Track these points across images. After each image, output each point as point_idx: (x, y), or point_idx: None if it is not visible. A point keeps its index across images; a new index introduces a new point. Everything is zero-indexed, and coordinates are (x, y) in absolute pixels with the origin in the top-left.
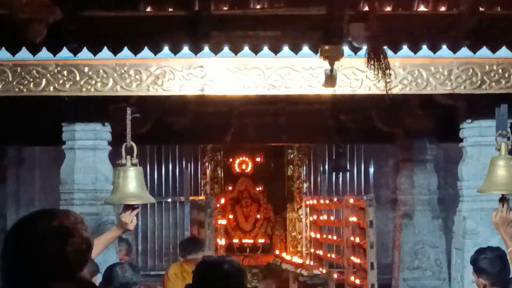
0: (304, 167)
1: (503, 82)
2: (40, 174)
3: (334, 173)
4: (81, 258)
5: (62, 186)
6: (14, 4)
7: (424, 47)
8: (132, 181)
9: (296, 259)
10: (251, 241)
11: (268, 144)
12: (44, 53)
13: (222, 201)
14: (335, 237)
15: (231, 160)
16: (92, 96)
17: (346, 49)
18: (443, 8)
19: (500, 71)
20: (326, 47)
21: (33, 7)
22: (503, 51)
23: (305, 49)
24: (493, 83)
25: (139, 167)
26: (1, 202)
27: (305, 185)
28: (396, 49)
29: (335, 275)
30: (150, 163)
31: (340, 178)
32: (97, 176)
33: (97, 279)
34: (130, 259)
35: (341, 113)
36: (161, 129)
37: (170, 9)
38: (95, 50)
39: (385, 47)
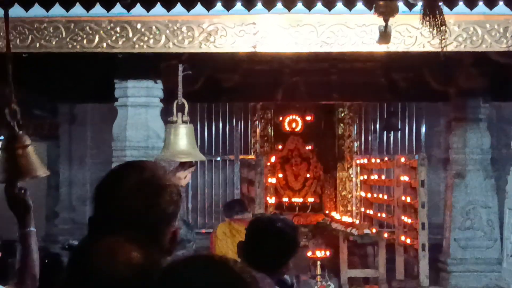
0: (355, 126)
1: None
2: (92, 131)
3: (385, 132)
4: (176, 206)
5: (114, 143)
6: None
7: (481, 3)
8: (183, 138)
9: (346, 218)
10: (301, 200)
11: (319, 102)
12: (98, 9)
13: (272, 159)
14: (385, 197)
15: (281, 118)
16: (144, 53)
17: (400, 5)
18: None
19: None
20: (381, 3)
21: None
22: None
23: (359, 5)
24: None
25: (190, 124)
26: (53, 159)
27: (355, 144)
28: (451, 5)
29: (386, 235)
30: (201, 121)
31: (391, 137)
32: (148, 133)
33: None
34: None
35: (393, 71)
36: (212, 87)
37: None
38: (148, 6)
39: (440, 3)
